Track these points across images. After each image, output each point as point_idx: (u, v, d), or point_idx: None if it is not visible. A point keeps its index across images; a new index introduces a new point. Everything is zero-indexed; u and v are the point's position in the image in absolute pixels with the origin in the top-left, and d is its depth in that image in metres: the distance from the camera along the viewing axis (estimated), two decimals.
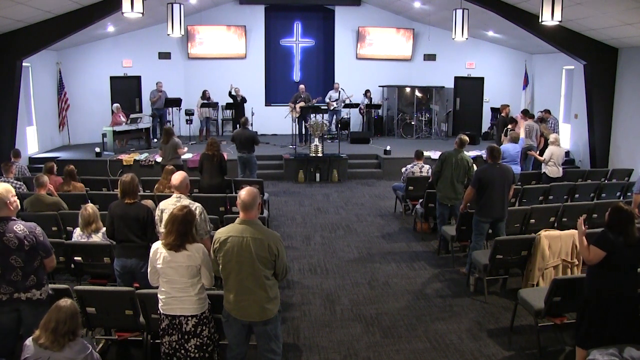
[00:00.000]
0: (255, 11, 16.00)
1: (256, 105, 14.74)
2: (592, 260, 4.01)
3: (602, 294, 4.01)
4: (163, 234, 3.87)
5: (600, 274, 4.02)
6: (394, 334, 5.13)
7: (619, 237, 3.94)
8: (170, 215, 3.88)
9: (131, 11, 7.97)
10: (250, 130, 10.34)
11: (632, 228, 3.96)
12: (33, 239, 3.76)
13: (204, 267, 3.79)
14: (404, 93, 16.29)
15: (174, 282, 3.77)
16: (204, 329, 3.85)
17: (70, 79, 14.52)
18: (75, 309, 3.31)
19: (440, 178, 7.21)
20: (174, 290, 3.77)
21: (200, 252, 3.79)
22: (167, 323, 3.82)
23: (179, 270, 3.75)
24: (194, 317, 3.80)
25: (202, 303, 3.85)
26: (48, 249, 3.90)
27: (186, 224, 3.77)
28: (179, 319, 3.79)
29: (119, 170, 11.62)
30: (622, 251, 3.94)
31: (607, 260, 3.96)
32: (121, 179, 4.82)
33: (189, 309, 3.79)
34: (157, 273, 3.83)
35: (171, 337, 3.83)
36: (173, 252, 3.73)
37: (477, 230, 6.27)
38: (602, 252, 3.95)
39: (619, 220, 3.99)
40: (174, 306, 3.79)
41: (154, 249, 3.85)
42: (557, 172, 9.25)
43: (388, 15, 16.30)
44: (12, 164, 8.39)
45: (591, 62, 11.32)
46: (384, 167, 12.59)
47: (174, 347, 3.83)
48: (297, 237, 8.11)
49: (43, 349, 3.20)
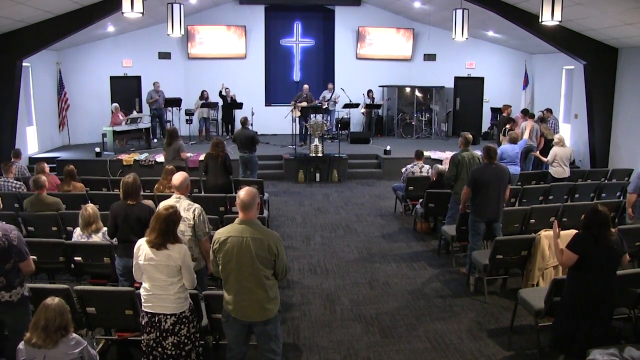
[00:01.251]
0: (255, 11, 16.00)
1: (256, 105, 14.73)
2: (565, 263, 4.01)
3: (577, 296, 4.01)
4: (147, 231, 3.89)
5: (575, 277, 4.02)
6: (394, 334, 5.13)
7: (594, 240, 3.91)
8: (155, 213, 3.92)
9: (131, 11, 7.97)
10: (251, 130, 10.33)
11: (607, 230, 3.93)
12: (4, 242, 3.74)
13: (184, 268, 3.81)
14: (404, 93, 16.29)
15: (155, 280, 3.79)
16: (182, 327, 3.85)
17: (70, 79, 14.52)
18: (64, 306, 3.31)
19: (458, 180, 7.13)
20: (154, 288, 3.80)
21: (181, 254, 3.80)
22: (147, 320, 3.84)
23: (158, 268, 3.77)
24: (172, 316, 3.81)
25: (182, 302, 3.86)
26: (23, 253, 3.87)
27: (169, 223, 3.79)
28: (158, 316, 3.81)
29: (119, 170, 11.63)
30: (596, 254, 3.91)
31: (581, 263, 3.94)
32: (123, 180, 4.82)
33: (168, 307, 3.80)
34: (140, 269, 3.86)
35: (149, 335, 3.85)
36: (155, 250, 3.76)
37: (474, 230, 6.27)
38: (574, 255, 3.94)
39: (594, 221, 3.95)
40: (155, 304, 3.81)
41: (137, 244, 3.88)
42: (562, 172, 9.21)
43: (388, 15, 16.31)
44: (12, 164, 8.39)
45: (591, 62, 11.32)
46: (384, 167, 12.59)
47: (151, 345, 3.85)
48: (297, 237, 8.11)
49: (37, 348, 3.20)
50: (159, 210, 3.89)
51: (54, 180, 7.98)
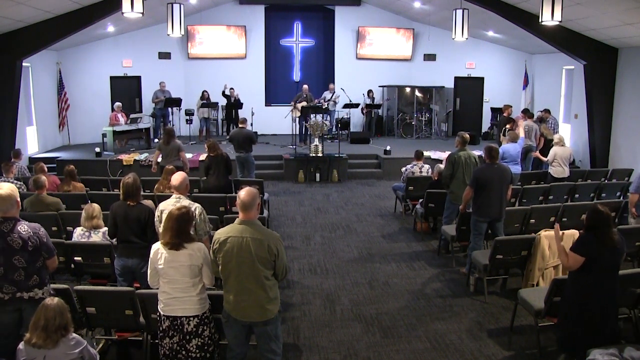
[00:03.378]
0: (255, 11, 16.01)
1: (256, 105, 14.74)
2: (572, 267, 3.97)
3: (582, 297, 3.99)
4: (161, 234, 3.86)
5: (581, 278, 3.99)
6: (394, 334, 5.13)
7: (598, 240, 3.88)
8: (168, 214, 3.89)
9: (131, 11, 7.97)
10: (248, 130, 10.31)
11: (610, 230, 3.91)
12: (37, 240, 3.78)
13: (206, 265, 3.79)
14: (404, 93, 16.29)
15: (176, 282, 3.76)
16: (205, 329, 3.84)
17: (70, 79, 14.53)
18: (63, 305, 3.32)
19: (453, 179, 7.18)
20: (175, 291, 3.76)
21: (202, 251, 3.79)
22: (168, 324, 3.80)
23: (180, 270, 3.74)
24: (195, 317, 3.79)
25: (204, 303, 3.85)
26: (51, 249, 3.92)
27: (182, 222, 3.77)
28: (181, 319, 3.78)
29: (119, 170, 11.64)
30: (602, 254, 3.89)
31: (586, 265, 3.91)
32: (124, 181, 4.82)
33: (190, 309, 3.78)
34: (157, 275, 3.81)
35: (172, 339, 3.81)
36: (174, 252, 3.73)
37: (476, 230, 6.27)
38: (581, 257, 3.91)
39: (597, 221, 3.92)
40: (175, 307, 3.78)
41: (154, 249, 3.84)
42: (562, 172, 9.22)
43: (388, 15, 16.31)
44: (13, 164, 8.40)
45: (591, 62, 11.32)
46: (384, 167, 12.59)
47: (174, 349, 3.82)
48: (297, 237, 8.11)
49: (37, 348, 3.20)
50: (171, 211, 3.86)
51: (54, 180, 7.99)
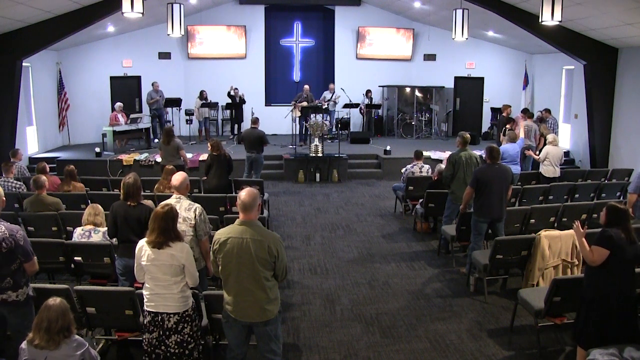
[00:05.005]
0: (255, 11, 16.00)
1: (256, 105, 14.74)
2: (597, 261, 3.95)
3: (604, 293, 3.98)
4: (147, 233, 3.89)
5: (602, 273, 3.98)
6: (393, 334, 5.13)
7: (620, 235, 3.92)
8: (153, 214, 3.92)
9: (131, 11, 7.97)
10: (260, 130, 10.30)
11: (630, 225, 3.97)
12: (12, 242, 3.76)
13: (188, 266, 3.82)
14: (404, 93, 16.28)
15: (158, 280, 3.81)
16: (185, 326, 3.87)
17: (70, 79, 14.52)
18: (66, 306, 3.31)
19: (454, 180, 7.17)
20: (157, 288, 3.82)
21: (185, 252, 3.82)
22: (150, 319, 3.86)
23: (162, 268, 3.78)
24: (176, 315, 3.83)
25: (185, 301, 3.88)
26: (28, 253, 3.89)
27: (168, 221, 3.80)
28: (162, 315, 3.83)
29: (119, 171, 11.64)
30: (625, 248, 3.91)
31: (610, 259, 3.91)
32: (124, 181, 4.82)
33: (171, 306, 3.82)
34: (143, 269, 3.86)
35: (151, 334, 3.86)
36: (157, 250, 3.77)
37: (476, 230, 6.27)
38: (606, 250, 3.91)
39: (617, 218, 3.97)
40: (158, 303, 3.83)
41: (139, 246, 3.88)
42: (553, 171, 9.24)
43: (388, 15, 16.30)
44: (12, 164, 8.38)
45: (591, 62, 11.32)
46: (384, 167, 12.59)
47: (153, 344, 3.86)
48: (297, 237, 8.11)
49: (39, 349, 3.19)
50: (156, 210, 3.91)
51: (55, 180, 7.98)
